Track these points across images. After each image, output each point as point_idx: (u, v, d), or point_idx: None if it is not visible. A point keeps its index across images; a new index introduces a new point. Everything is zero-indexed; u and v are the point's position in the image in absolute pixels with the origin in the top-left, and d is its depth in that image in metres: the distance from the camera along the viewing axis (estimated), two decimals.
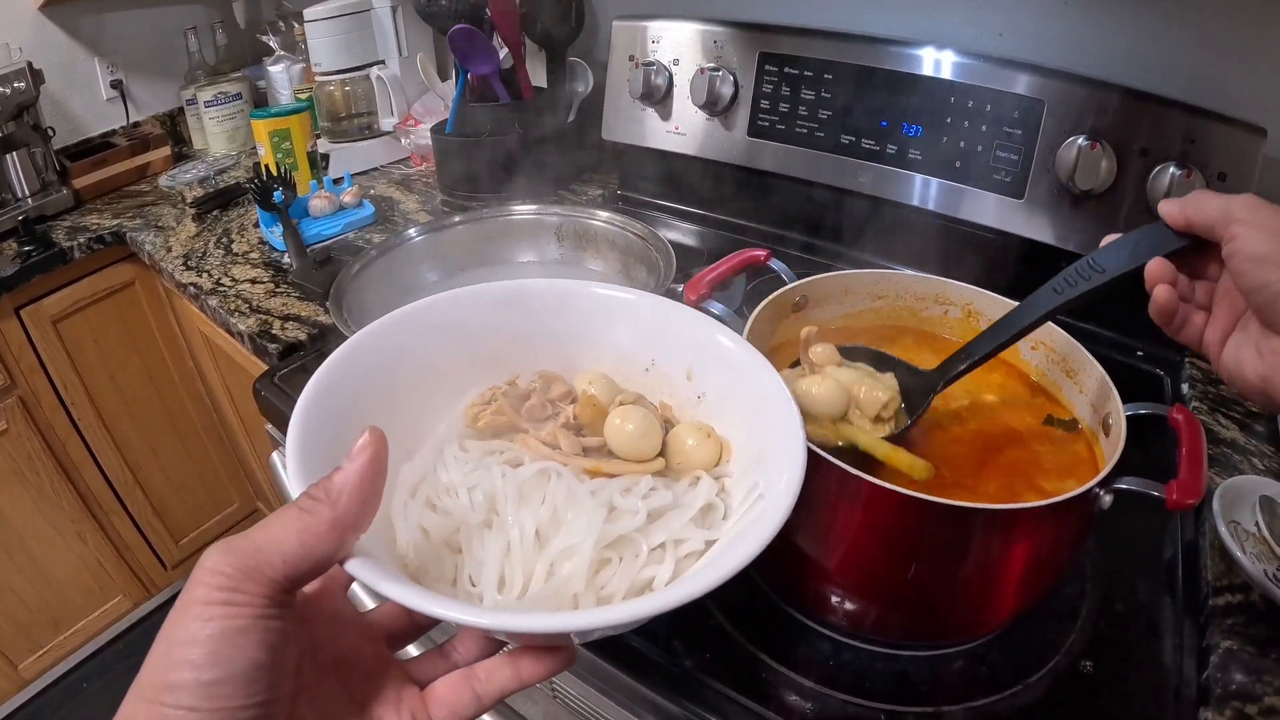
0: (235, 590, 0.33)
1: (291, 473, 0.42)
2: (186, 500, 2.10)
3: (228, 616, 0.32)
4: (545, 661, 0.42)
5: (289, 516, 0.35)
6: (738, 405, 0.54)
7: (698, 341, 0.56)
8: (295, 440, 0.44)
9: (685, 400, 0.57)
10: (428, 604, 0.37)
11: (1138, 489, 0.58)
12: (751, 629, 0.71)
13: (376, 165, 1.76)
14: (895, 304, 0.81)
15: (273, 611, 0.34)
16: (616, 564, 0.45)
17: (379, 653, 0.43)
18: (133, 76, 2.04)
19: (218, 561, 0.33)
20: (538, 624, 0.38)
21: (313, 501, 0.36)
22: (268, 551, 0.34)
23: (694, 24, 1.29)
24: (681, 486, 0.51)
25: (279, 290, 1.30)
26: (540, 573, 0.44)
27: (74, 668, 2.04)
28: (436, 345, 0.55)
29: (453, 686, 0.42)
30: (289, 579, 0.34)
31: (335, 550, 0.36)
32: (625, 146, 1.45)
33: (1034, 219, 1.04)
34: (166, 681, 0.31)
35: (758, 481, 0.48)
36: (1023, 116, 1.03)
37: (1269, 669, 0.65)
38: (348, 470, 0.37)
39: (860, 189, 1.18)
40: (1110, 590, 0.74)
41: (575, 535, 0.45)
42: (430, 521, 0.46)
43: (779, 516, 0.42)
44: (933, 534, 0.59)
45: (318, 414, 0.46)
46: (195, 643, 0.32)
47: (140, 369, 1.87)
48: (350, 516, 0.36)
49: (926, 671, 0.67)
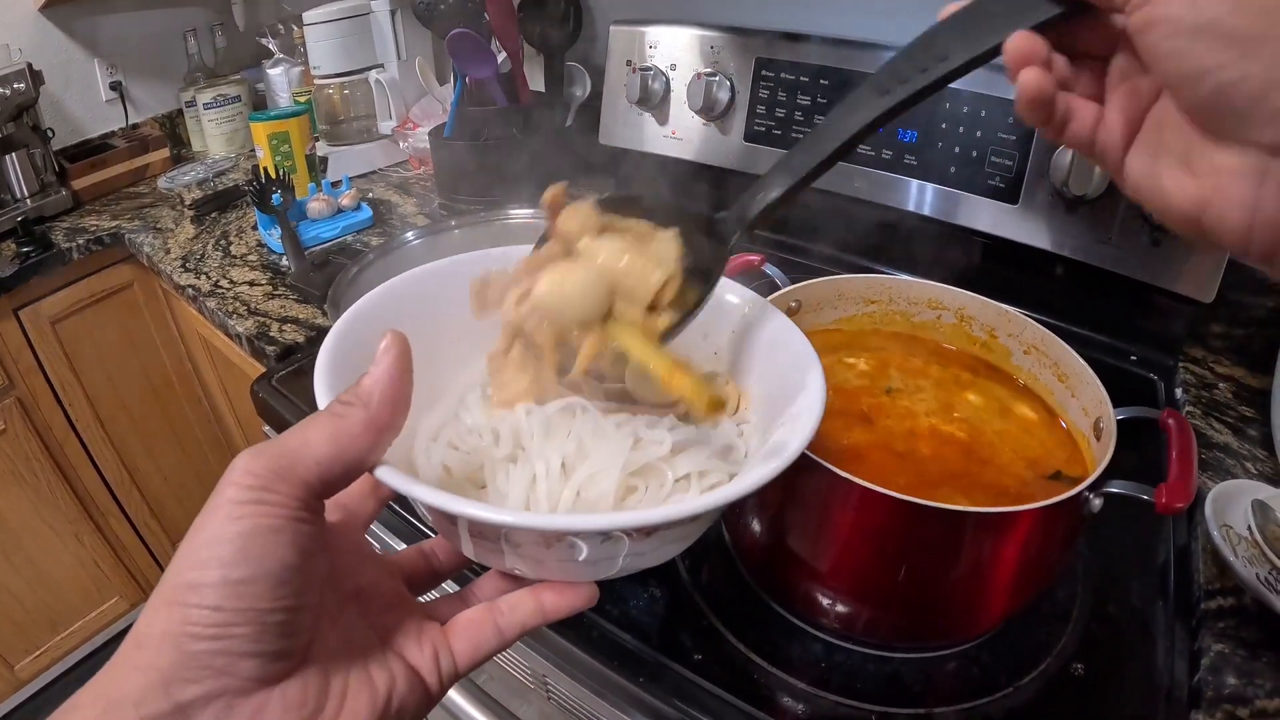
0: (267, 490, 0.32)
1: (320, 388, 0.41)
2: (184, 502, 2.09)
3: (259, 515, 0.31)
4: (568, 595, 0.42)
5: (321, 420, 0.35)
6: (751, 356, 0.54)
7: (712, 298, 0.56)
8: (325, 364, 0.43)
9: (703, 357, 0.57)
10: (458, 504, 0.36)
11: (1128, 492, 0.58)
12: (744, 630, 0.71)
13: (375, 168, 1.77)
14: (889, 309, 0.82)
15: (305, 515, 0.33)
16: (643, 491, 0.45)
17: (398, 589, 0.43)
18: (132, 78, 2.05)
19: (250, 463, 0.32)
20: (572, 522, 0.37)
21: (344, 405, 0.35)
22: (300, 454, 0.33)
23: (691, 29, 1.30)
24: (704, 427, 0.51)
25: (277, 293, 1.30)
26: (568, 498, 0.43)
27: (71, 668, 2.03)
28: (464, 300, 0.54)
29: (474, 620, 0.42)
30: (322, 481, 0.34)
31: (368, 452, 0.35)
32: (622, 151, 1.45)
33: (1028, 224, 1.05)
34: (190, 580, 0.30)
35: (775, 421, 0.48)
36: (1016, 122, 1.03)
37: (1260, 672, 0.65)
38: (375, 372, 0.36)
39: (856, 194, 1.19)
40: (1102, 593, 0.74)
41: (601, 463, 0.44)
42: (454, 459, 0.46)
43: (804, 436, 0.41)
44: (924, 537, 0.59)
45: (346, 343, 0.46)
46: (224, 540, 0.30)
47: (138, 370, 1.88)
48: (383, 416, 0.36)
49: (918, 673, 0.67)
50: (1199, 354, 1.07)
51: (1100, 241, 1.01)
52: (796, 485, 0.62)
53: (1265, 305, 1.02)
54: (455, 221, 1.24)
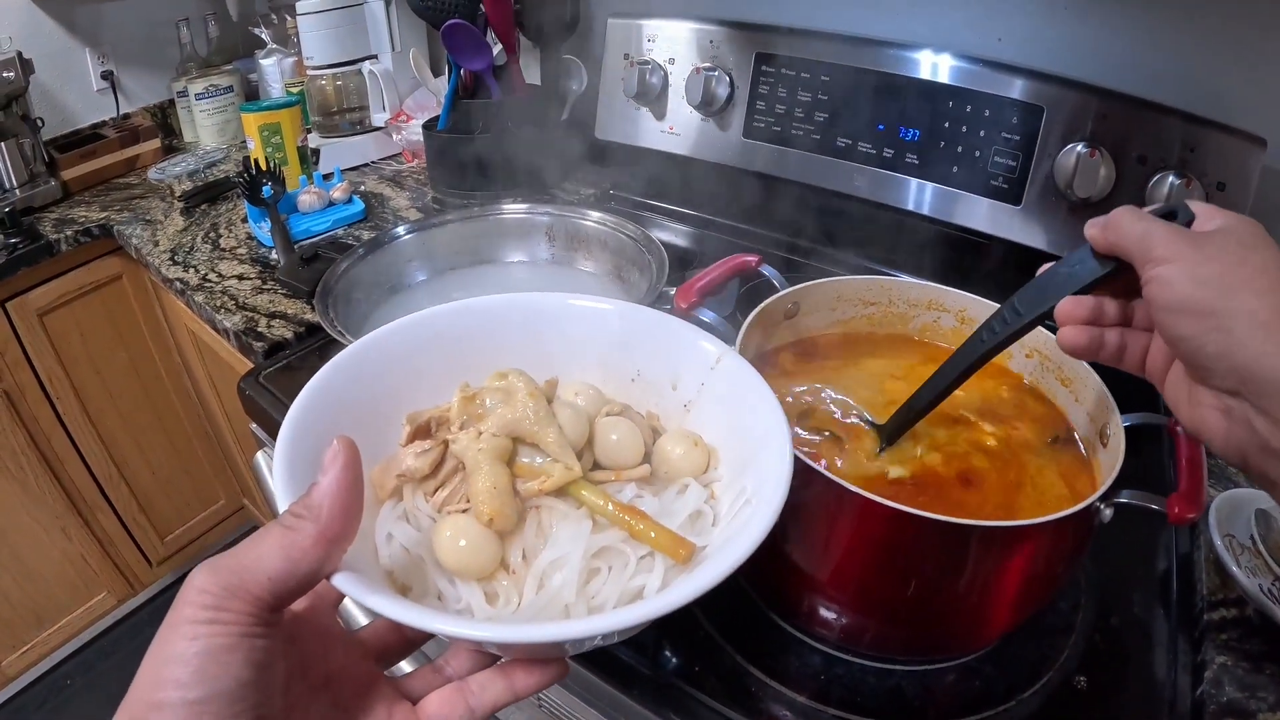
0: (220, 609, 0.33)
1: (279, 492, 0.41)
2: (172, 496, 2.08)
3: (213, 635, 0.32)
4: (538, 674, 0.43)
5: (273, 534, 0.36)
6: (723, 411, 0.53)
7: (682, 350, 0.56)
8: (281, 463, 0.43)
9: (672, 409, 0.56)
10: (417, 618, 0.37)
11: (1139, 503, 0.57)
12: (742, 641, 0.70)
13: (367, 161, 1.75)
14: (888, 310, 0.80)
15: (258, 630, 0.34)
16: (606, 573, 0.44)
17: (369, 671, 0.44)
18: (123, 68, 2.02)
19: (204, 581, 0.33)
20: (530, 634, 0.37)
21: (295, 518, 0.36)
22: (253, 570, 0.34)
23: (690, 23, 1.28)
24: (670, 494, 0.50)
25: (266, 287, 1.28)
26: (530, 585, 0.44)
27: (57, 664, 2.02)
28: (423, 362, 0.54)
29: (446, 699, 0.42)
30: (275, 596, 0.35)
31: (321, 564, 0.36)
32: (619, 146, 1.44)
33: (1031, 226, 1.04)
34: (153, 700, 0.32)
35: (745, 486, 0.48)
36: (1021, 122, 1.02)
37: (1263, 685, 0.64)
38: (324, 483, 0.37)
39: (856, 192, 1.18)
40: (1105, 604, 0.73)
41: (562, 547, 0.44)
42: (412, 539, 0.46)
43: (767, 521, 0.41)
44: (928, 550, 0.58)
45: (302, 434, 0.45)
46: (181, 661, 0.32)
47: (127, 364, 1.86)
48: (334, 528, 0.36)
49: (919, 686, 0.66)
50: None
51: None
52: (799, 496, 0.60)
53: None
54: (446, 216, 1.22)
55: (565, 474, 0.46)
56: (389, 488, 0.48)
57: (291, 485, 0.42)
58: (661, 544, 0.45)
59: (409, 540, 0.46)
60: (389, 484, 0.48)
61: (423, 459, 0.47)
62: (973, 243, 1.09)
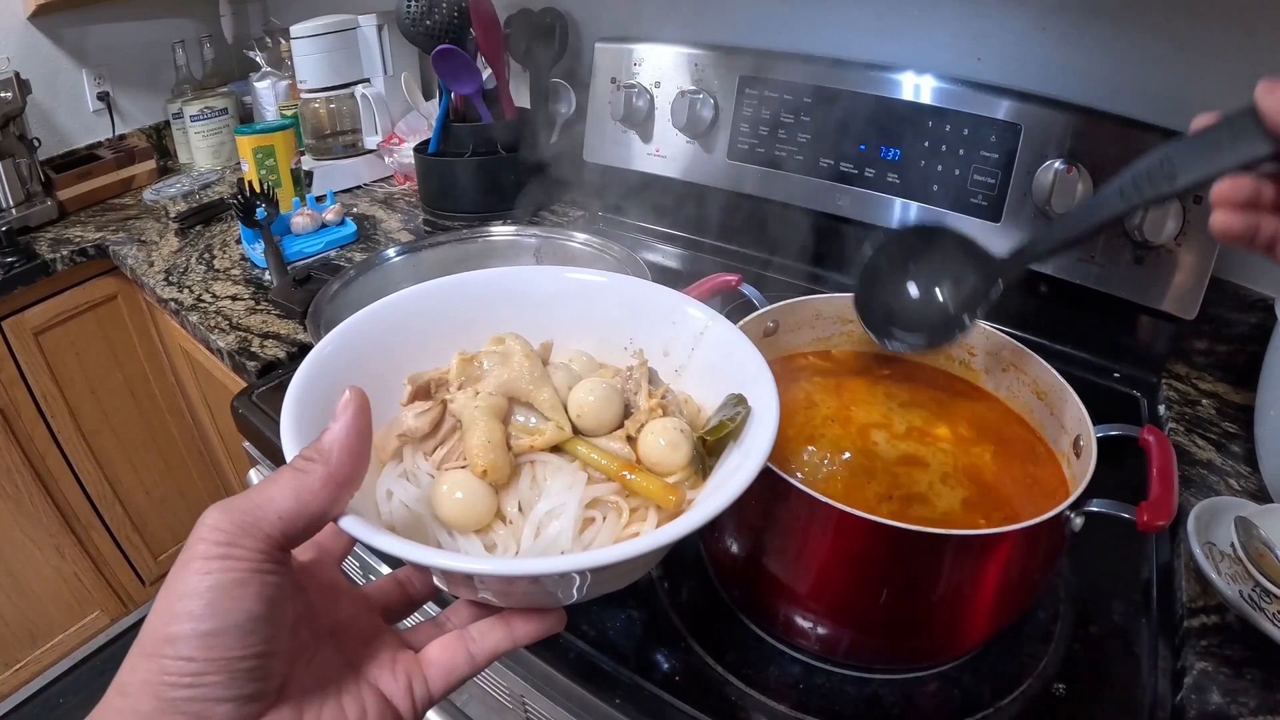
0: (233, 545, 0.34)
1: (286, 443, 0.43)
2: (166, 515, 2.08)
3: (225, 570, 0.33)
4: (536, 622, 0.44)
5: (284, 476, 0.37)
6: (712, 372, 0.55)
7: (672, 317, 0.58)
8: (289, 417, 0.45)
9: (665, 375, 0.57)
10: (420, 554, 0.38)
11: (1108, 511, 0.58)
12: (721, 651, 0.70)
13: (360, 183, 1.77)
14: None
15: (269, 566, 0.35)
16: (601, 522, 0.46)
17: (374, 622, 0.45)
18: (119, 89, 2.04)
19: (216, 519, 0.34)
20: (531, 567, 0.38)
21: (306, 461, 0.37)
22: (264, 509, 0.35)
23: (675, 47, 1.30)
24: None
25: (259, 308, 1.29)
26: (528, 534, 0.45)
27: (50, 683, 2.01)
28: (425, 331, 0.56)
29: (446, 646, 0.43)
30: (285, 535, 0.36)
31: (329, 506, 0.37)
32: (606, 168, 1.45)
33: (1010, 242, 1.04)
34: (166, 634, 0.32)
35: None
36: (1000, 140, 1.03)
37: (1244, 690, 0.65)
38: (335, 429, 0.38)
39: (839, 212, 1.19)
40: (1084, 612, 0.74)
41: (557, 497, 0.46)
42: (413, 496, 0.47)
43: (756, 464, 0.43)
44: (903, 559, 0.59)
45: (308, 395, 0.47)
46: (194, 595, 0.33)
47: (121, 383, 1.86)
48: (342, 471, 0.37)
49: (898, 695, 0.67)
50: (1182, 371, 1.07)
51: (1084, 259, 1.01)
52: (773, 507, 0.61)
53: (1248, 321, 1.03)
54: (437, 238, 1.23)
55: (557, 433, 0.48)
56: (390, 449, 0.49)
57: (298, 438, 0.43)
58: (653, 491, 0.46)
59: (409, 497, 0.47)
60: (390, 446, 0.49)
61: (422, 418, 0.48)
62: None
